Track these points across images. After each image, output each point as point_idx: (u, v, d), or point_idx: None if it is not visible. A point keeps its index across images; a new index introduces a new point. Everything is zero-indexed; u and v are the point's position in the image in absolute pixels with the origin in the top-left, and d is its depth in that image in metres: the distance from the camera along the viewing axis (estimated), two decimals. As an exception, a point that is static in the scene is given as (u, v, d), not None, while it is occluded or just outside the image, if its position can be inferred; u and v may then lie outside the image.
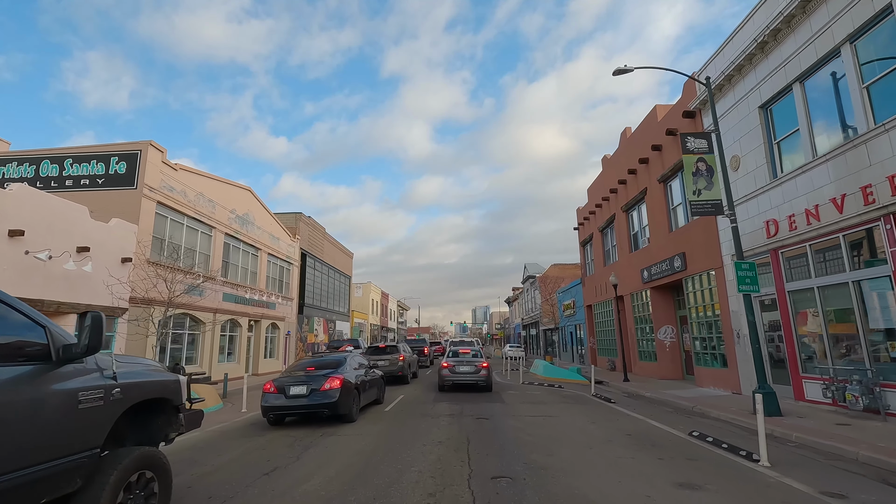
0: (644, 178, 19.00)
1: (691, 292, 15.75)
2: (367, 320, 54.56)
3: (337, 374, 9.30)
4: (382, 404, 12.19)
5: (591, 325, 27.77)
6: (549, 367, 21.62)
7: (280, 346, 28.14)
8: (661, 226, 17.72)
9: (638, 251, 20.21)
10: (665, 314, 18.43)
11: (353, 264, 48.30)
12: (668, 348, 18.14)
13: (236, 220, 23.17)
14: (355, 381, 9.82)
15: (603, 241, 25.19)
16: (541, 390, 15.83)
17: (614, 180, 22.30)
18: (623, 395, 14.76)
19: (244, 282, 24.03)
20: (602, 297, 25.19)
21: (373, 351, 18.23)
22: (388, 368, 17.44)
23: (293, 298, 30.70)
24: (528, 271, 53.06)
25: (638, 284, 19.91)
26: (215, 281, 20.86)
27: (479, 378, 14.96)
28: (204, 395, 12.59)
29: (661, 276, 17.60)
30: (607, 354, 24.79)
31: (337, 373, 9.36)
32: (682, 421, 9.71)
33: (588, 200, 27.72)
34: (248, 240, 24.29)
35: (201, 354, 19.65)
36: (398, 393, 14.99)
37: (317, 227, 36.20)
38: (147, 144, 16.67)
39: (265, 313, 25.94)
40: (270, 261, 27.62)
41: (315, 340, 35.04)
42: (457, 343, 36.75)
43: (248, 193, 24.76)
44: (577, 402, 12.85)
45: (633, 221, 21.17)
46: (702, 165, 11.20)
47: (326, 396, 8.82)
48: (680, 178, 16.33)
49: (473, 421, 9.59)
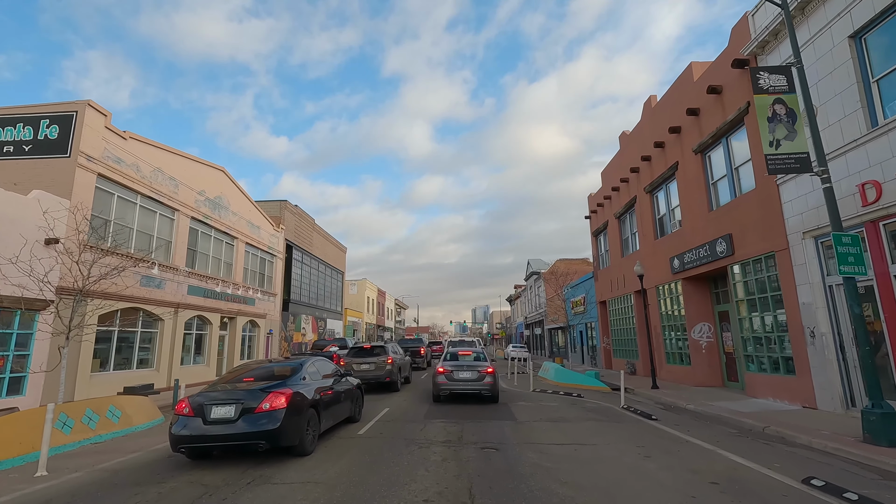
0: (675, 150, 16.26)
1: (739, 282, 13.01)
2: (361, 319, 51.84)
3: (284, 387, 6.55)
4: (358, 423, 9.44)
5: (606, 323, 25.02)
6: (562, 371, 18.89)
7: (260, 346, 25.40)
8: (697, 205, 14.98)
9: (665, 237, 17.47)
10: (700, 309, 15.69)
11: (346, 260, 45.56)
12: (704, 350, 15.41)
13: (206, 204, 20.42)
14: (313, 397, 7.07)
15: (620, 229, 22.43)
16: (558, 401, 13.09)
17: (636, 158, 19.56)
18: (659, 407, 12.04)
19: (216, 273, 21.28)
20: (619, 291, 22.45)
21: (356, 353, 15.47)
22: (374, 373, 14.71)
23: (276, 294, 27.96)
24: (532, 267, 50.30)
25: (665, 275, 17.18)
26: (177, 271, 18.12)
27: (483, 387, 12.23)
28: (134, 409, 9.87)
29: (696, 264, 14.86)
30: (625, 356, 22.05)
31: (284, 385, 6.61)
32: (767, 452, 6.98)
33: (602, 185, 24.97)
34: (220, 226, 21.54)
35: (158, 356, 16.89)
36: (383, 404, 12.24)
37: (304, 217, 33.46)
38: (84, 105, 13.92)
39: (242, 309, 23.20)
40: (249, 251, 24.87)
41: (303, 340, 32.32)
42: (456, 343, 33.65)
43: (222, 174, 22.01)
44: (608, 418, 10.10)
45: (658, 204, 18.42)
46: (780, 109, 8.45)
47: (263, 421, 6.06)
48: (724, 149, 13.59)
49: (478, 453, 6.86)
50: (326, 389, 7.77)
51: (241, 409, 6.10)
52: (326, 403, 7.60)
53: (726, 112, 13.15)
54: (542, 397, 13.86)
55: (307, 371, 7.46)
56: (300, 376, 7.14)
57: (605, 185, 24.39)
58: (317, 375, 7.76)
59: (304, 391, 6.90)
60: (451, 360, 13.16)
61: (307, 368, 7.51)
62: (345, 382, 8.91)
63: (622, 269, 21.99)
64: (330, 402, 7.77)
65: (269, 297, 26.93)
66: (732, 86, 12.76)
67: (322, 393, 7.51)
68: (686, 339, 16.18)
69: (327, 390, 7.80)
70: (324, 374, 8.11)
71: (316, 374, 7.77)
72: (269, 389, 6.36)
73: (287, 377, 6.96)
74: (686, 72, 15.53)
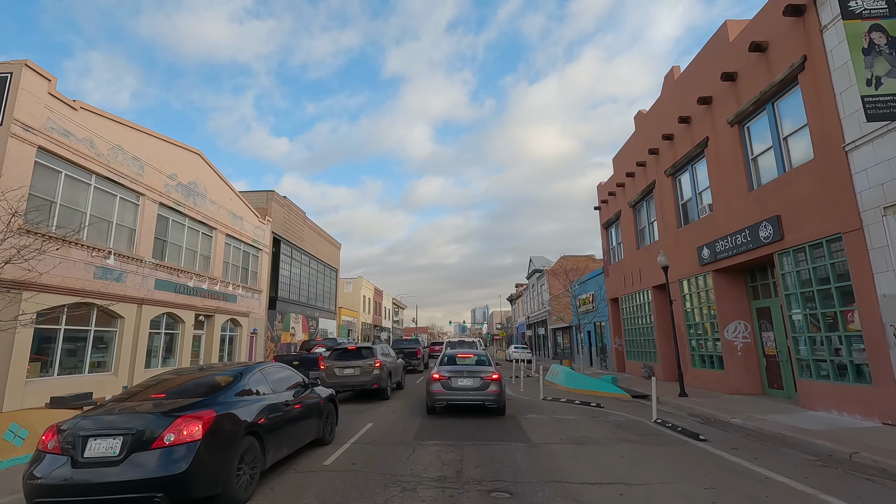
0: (704, 124, 14.27)
1: (790, 272, 11.01)
2: (357, 318, 49.82)
3: (203, 408, 4.54)
4: (329, 445, 7.44)
5: (618, 322, 23.02)
6: (573, 376, 16.89)
7: (242, 346, 23.39)
8: (733, 185, 12.99)
9: (691, 225, 15.47)
10: (735, 306, 13.69)
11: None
12: (739, 352, 13.41)
13: (178, 189, 18.42)
14: (253, 420, 5.07)
15: (636, 219, 20.43)
16: (575, 412, 11.08)
17: (655, 138, 17.58)
18: (697, 420, 10.06)
19: (190, 267, 19.27)
20: (633, 286, 20.45)
21: (338, 355, 13.43)
22: (359, 379, 12.71)
23: (262, 291, 25.95)
24: (535, 265, 48.29)
25: (691, 267, 15.18)
26: (142, 263, 16.11)
27: (488, 396, 10.20)
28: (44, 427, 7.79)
29: (732, 253, 12.88)
30: (641, 358, 20.05)
31: (205, 406, 4.59)
32: (883, 495, 4.99)
33: (614, 172, 22.98)
34: (195, 215, 19.54)
35: (117, 358, 14.87)
36: (366, 417, 10.24)
37: (294, 209, 31.45)
38: (20, 65, 11.92)
39: (221, 307, 21.19)
40: (230, 244, 22.87)
41: (292, 340, 30.31)
42: (455, 344, 31.19)
43: (197, 158, 20.00)
44: (645, 438, 8.10)
45: (681, 188, 16.43)
46: (878, 38, 6.49)
47: (163, 462, 4.07)
48: (768, 116, 11.60)
49: (484, 499, 4.86)
50: (279, 408, 5.77)
51: (131, 444, 4.08)
52: (277, 426, 5.60)
53: (773, 72, 11.16)
54: (556, 408, 11.84)
55: (250, 382, 5.46)
56: (236, 390, 5.14)
57: (617, 172, 22.40)
58: (265, 388, 5.75)
59: (240, 412, 4.89)
60: (448, 365, 11.17)
61: (249, 379, 5.50)
62: (310, 395, 6.89)
63: (637, 262, 19.99)
64: (283, 423, 5.77)
65: (254, 293, 24.93)
66: (782, 40, 10.76)
67: (271, 413, 5.50)
68: (717, 340, 14.19)
69: (280, 408, 5.80)
70: (276, 387, 6.08)
71: (263, 385, 5.76)
72: (178, 412, 4.33)
73: (214, 393, 4.94)
74: (719, 32, 13.53)
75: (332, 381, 12.79)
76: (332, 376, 12.82)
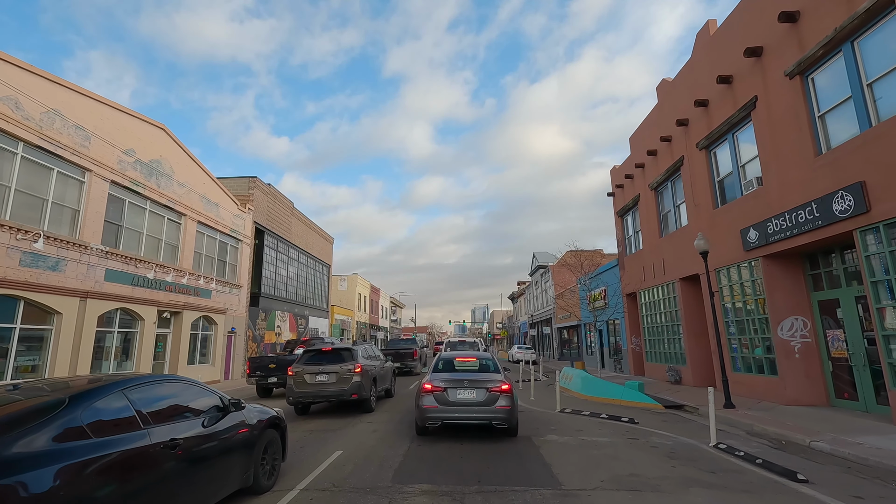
0: (750, 81, 11.95)
1: (878, 254, 8.69)
2: (351, 317, 47.49)
3: None
4: (264, 495, 5.10)
5: (636, 319, 20.69)
6: (591, 381, 14.56)
7: (218, 346, 21.05)
8: (792, 150, 10.66)
9: (732, 204, 13.14)
10: (790, 298, 11.37)
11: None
12: (797, 353, 11.09)
13: (137, 167, 16.08)
14: (97, 479, 2.75)
15: (658, 203, 18.10)
16: (607, 431, 8.72)
17: (684, 107, 15.26)
18: (764, 443, 7.76)
19: (152, 257, 16.94)
20: (655, 279, 18.12)
21: (310, 358, 11.03)
22: (334, 388, 10.36)
23: (242, 286, 23.61)
24: (539, 261, 45.94)
25: (733, 253, 12.86)
26: (87, 249, 13.78)
27: (496, 414, 7.78)
28: None
29: (791, 233, 10.55)
30: (664, 360, 17.72)
31: None
32: None
33: (631, 152, 20.64)
34: (159, 198, 17.20)
35: (52, 362, 12.53)
36: (335, 442, 7.90)
37: (280, 198, 29.11)
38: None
39: (191, 302, 18.86)
40: (204, 233, 20.54)
41: (278, 340, 27.98)
42: (455, 345, 27.98)
43: (161, 133, 17.66)
44: (719, 478, 5.75)
45: (716, 162, 14.11)
46: None
47: None
48: (845, 60, 9.26)
49: None
50: (152, 456, 3.43)
51: None
52: (144, 488, 3.27)
53: (854, 2, 8.84)
54: (580, 424, 9.50)
55: (89, 414, 3.12)
56: (52, 432, 2.81)
57: (635, 152, 20.06)
58: (127, 420, 3.41)
59: (39, 479, 2.58)
60: (444, 372, 8.80)
61: (88, 408, 3.14)
62: (230, 424, 4.55)
63: (660, 251, 17.66)
64: (160, 480, 3.44)
65: (232, 288, 22.59)
66: (870, -44, 8.42)
67: (129, 469, 3.17)
68: (766, 340, 11.87)
69: (156, 456, 3.46)
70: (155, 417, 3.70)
71: (125, 415, 3.41)
72: None
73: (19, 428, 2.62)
74: (774, -34, 11.19)
75: (300, 391, 10.46)
76: (301, 385, 10.47)
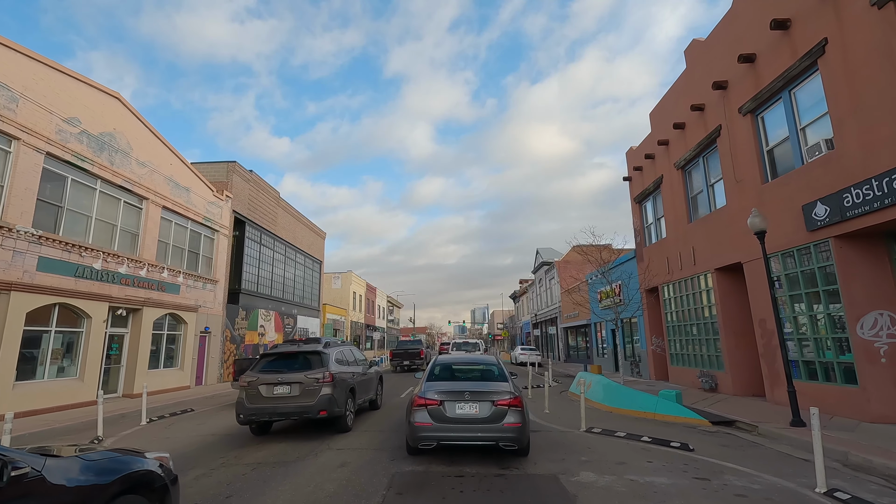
0: (816, 23, 9.69)
1: None
2: (345, 317, 45.17)
3: None
4: None
5: (657, 317, 18.41)
6: (615, 390, 12.25)
7: (188, 348, 18.74)
8: (882, 101, 8.39)
9: (790, 174, 10.86)
10: (873, 289, 9.10)
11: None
12: (883, 358, 8.82)
13: (82, 139, 13.80)
14: None
15: (686, 183, 15.83)
16: (660, 466, 6.38)
17: (721, 67, 13.02)
18: (883, 484, 5.45)
19: (104, 244, 14.67)
20: (683, 271, 15.86)
21: (270, 363, 8.71)
22: (296, 403, 8.08)
23: (218, 280, 21.31)
24: (543, 257, 43.63)
25: (792, 234, 10.59)
26: (12, 232, 11.50)
27: (504, 434, 6.21)
28: None
29: (880, 204, 8.29)
30: (694, 364, 15.44)
31: None
32: None
33: (651, 129, 18.36)
34: (112, 177, 14.92)
35: (-42, 367, 10.23)
36: (281, 486, 5.58)
37: (264, 187, 26.80)
38: None
39: (153, 298, 16.56)
40: (171, 220, 18.26)
41: (261, 341, 25.69)
42: (460, 345, 26.99)
43: (116, 103, 15.37)
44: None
45: (763, 128, 11.85)
46: None
47: None
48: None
49: None
50: None
51: None
52: None
53: None
54: (619, 451, 7.18)
55: None
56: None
57: (657, 128, 17.78)
58: None
59: None
60: (440, 381, 7.21)
61: None
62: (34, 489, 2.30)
63: (689, 238, 15.39)
64: None
65: (206, 283, 20.30)
66: None
67: None
68: (839, 341, 9.59)
69: None
70: None
71: None
72: None
73: None
74: None
75: (254, 406, 8.15)
76: (254, 399, 8.17)
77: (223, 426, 9.87)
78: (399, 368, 28.20)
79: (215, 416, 11.76)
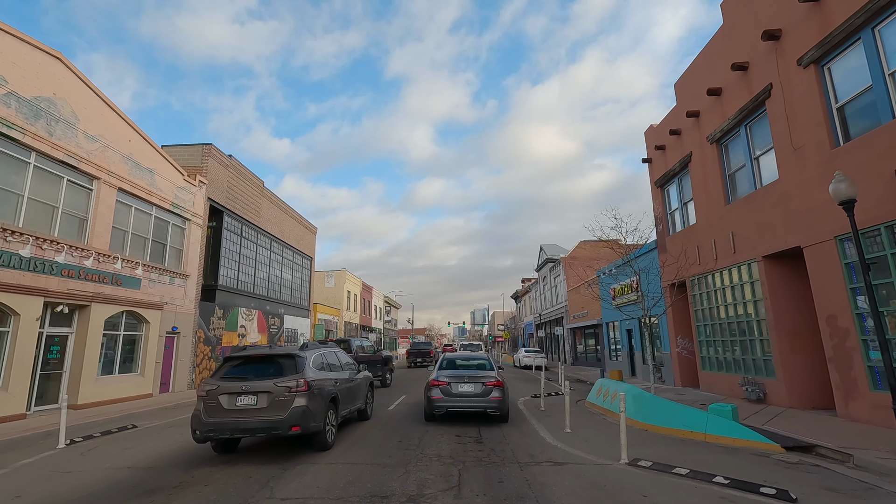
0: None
1: None
2: (338, 317, 42.93)
3: None
4: None
5: (684, 315, 16.19)
6: (647, 401, 10.00)
7: (150, 351, 16.50)
8: None
9: (870, 135, 8.68)
10: None
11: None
12: None
13: (9, 102, 11.60)
14: None
15: (723, 159, 13.65)
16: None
17: (771, 15, 10.84)
18: None
19: (38, 229, 12.45)
20: (718, 262, 13.68)
21: (231, 371, 6.77)
22: (264, 417, 6.24)
23: (189, 275, 19.08)
24: (547, 254, 41.39)
25: (880, 209, 8.40)
26: None
27: (490, 404, 9.25)
28: None
29: None
30: (733, 369, 13.23)
31: None
32: None
33: (677, 102, 16.16)
34: (51, 150, 12.72)
35: None
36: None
37: (246, 174, 24.57)
38: None
39: (104, 293, 14.34)
40: (130, 205, 16.05)
41: (241, 342, 23.43)
42: (466, 346, 29.98)
43: (58, 65, 13.19)
44: None
45: (831, 81, 9.67)
46: None
47: None
48: None
49: None
50: None
51: None
52: None
53: None
54: (687, 501, 4.97)
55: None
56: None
57: (683, 100, 15.60)
58: None
59: None
60: (448, 369, 10.34)
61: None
62: None
63: (727, 223, 13.21)
64: None
65: (174, 277, 18.07)
66: None
67: None
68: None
69: None
70: None
71: None
72: None
73: None
74: None
75: (212, 420, 6.33)
76: (214, 411, 6.29)
77: (155, 451, 7.63)
78: (413, 364, 33.47)
79: (158, 434, 9.52)
